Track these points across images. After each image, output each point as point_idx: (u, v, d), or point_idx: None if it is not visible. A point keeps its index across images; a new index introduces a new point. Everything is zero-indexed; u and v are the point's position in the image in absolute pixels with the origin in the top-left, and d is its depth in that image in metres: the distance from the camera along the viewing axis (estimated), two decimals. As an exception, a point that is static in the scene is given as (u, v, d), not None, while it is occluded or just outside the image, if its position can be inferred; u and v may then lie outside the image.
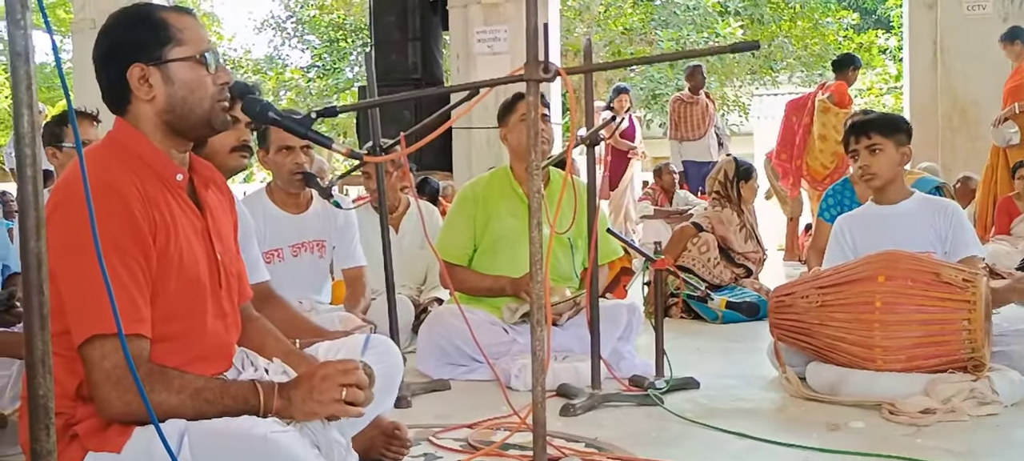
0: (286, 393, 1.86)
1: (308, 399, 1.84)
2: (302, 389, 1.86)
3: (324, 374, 1.86)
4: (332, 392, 1.84)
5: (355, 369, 1.88)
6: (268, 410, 1.84)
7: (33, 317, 1.29)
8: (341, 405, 1.85)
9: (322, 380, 1.85)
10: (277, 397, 1.85)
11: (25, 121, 1.27)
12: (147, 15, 1.92)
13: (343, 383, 1.85)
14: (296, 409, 1.85)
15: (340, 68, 21.86)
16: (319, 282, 3.93)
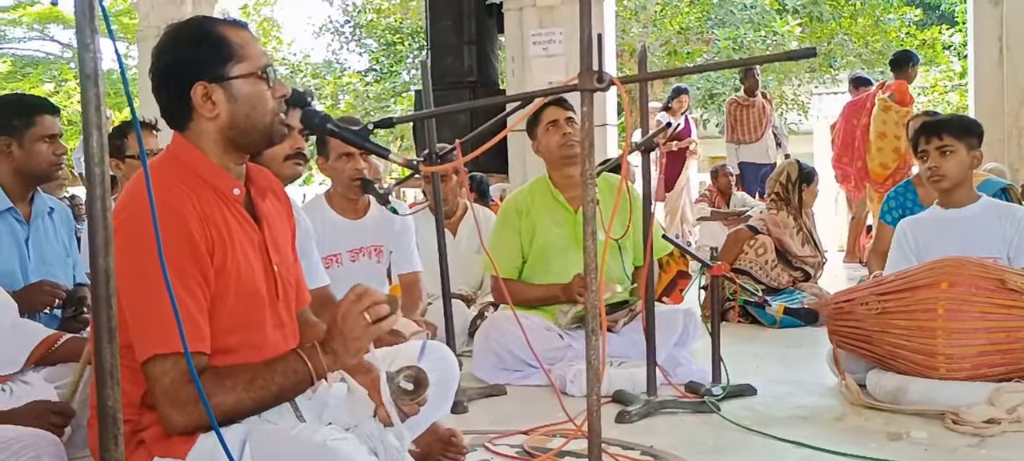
0: (328, 349, 1.87)
1: (347, 341, 1.85)
2: (337, 339, 1.86)
3: (342, 313, 1.86)
4: (358, 322, 1.83)
5: (365, 291, 1.87)
6: (319, 372, 1.86)
7: (102, 331, 1.33)
8: (373, 327, 1.84)
9: (343, 319, 1.85)
10: (322, 355, 1.87)
11: (94, 142, 1.31)
12: (207, 32, 1.94)
13: (360, 309, 1.84)
14: (342, 358, 1.87)
15: (397, 72, 22.03)
16: (377, 287, 3.94)
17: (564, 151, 3.79)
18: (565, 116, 3.78)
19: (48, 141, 3.08)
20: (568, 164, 3.81)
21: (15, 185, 3.09)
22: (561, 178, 3.88)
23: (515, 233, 3.88)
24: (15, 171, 3.07)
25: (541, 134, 3.83)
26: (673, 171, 10.09)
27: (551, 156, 3.84)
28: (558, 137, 3.78)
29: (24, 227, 3.12)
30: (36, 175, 3.13)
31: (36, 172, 3.11)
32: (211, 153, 1.96)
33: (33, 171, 3.10)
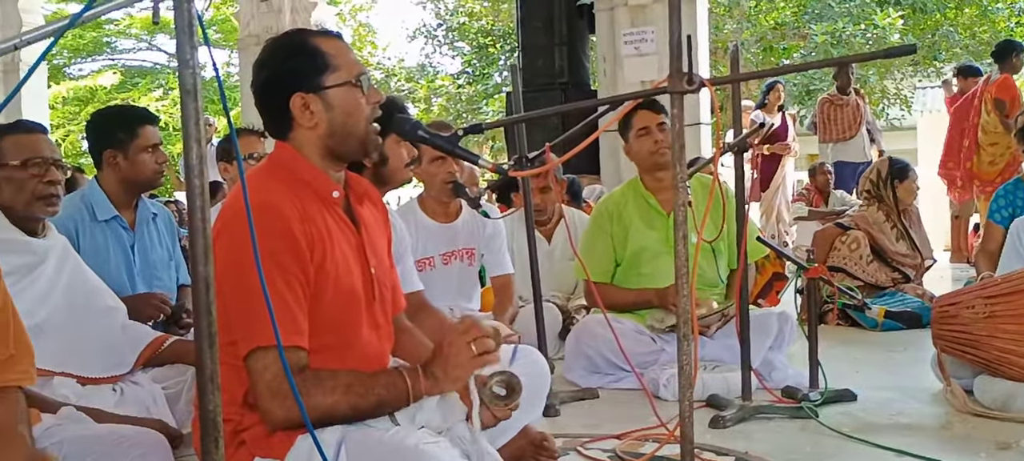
0: (430, 372, 1.93)
1: (449, 370, 1.92)
2: (439, 363, 1.93)
3: (449, 341, 1.94)
4: (464, 353, 1.91)
5: (474, 323, 1.95)
6: (417, 393, 1.91)
7: (202, 337, 1.38)
8: (478, 359, 1.91)
9: (450, 346, 1.93)
10: (423, 378, 1.92)
11: (194, 154, 1.36)
12: (302, 44, 2.01)
13: (468, 339, 1.91)
14: (443, 383, 1.93)
15: (489, 74, 22.17)
16: (469, 290, 4.01)
17: (655, 159, 3.76)
18: (657, 122, 3.74)
19: (151, 151, 3.20)
20: (659, 169, 3.77)
21: (121, 194, 3.21)
22: (653, 181, 3.84)
23: (607, 237, 3.86)
24: (122, 181, 3.19)
25: (633, 139, 3.80)
26: (769, 170, 9.88)
27: (642, 162, 3.81)
28: (649, 144, 3.74)
29: (129, 234, 3.25)
30: (141, 184, 3.25)
31: (141, 181, 3.23)
32: (311, 158, 2.03)
33: (138, 180, 3.22)
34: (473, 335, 1.91)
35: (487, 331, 1.93)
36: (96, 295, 2.79)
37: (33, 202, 2.62)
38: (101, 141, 3.19)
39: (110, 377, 2.72)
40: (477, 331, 1.92)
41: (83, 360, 2.67)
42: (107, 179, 3.20)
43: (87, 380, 2.66)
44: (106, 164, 3.18)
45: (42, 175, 2.63)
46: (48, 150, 2.68)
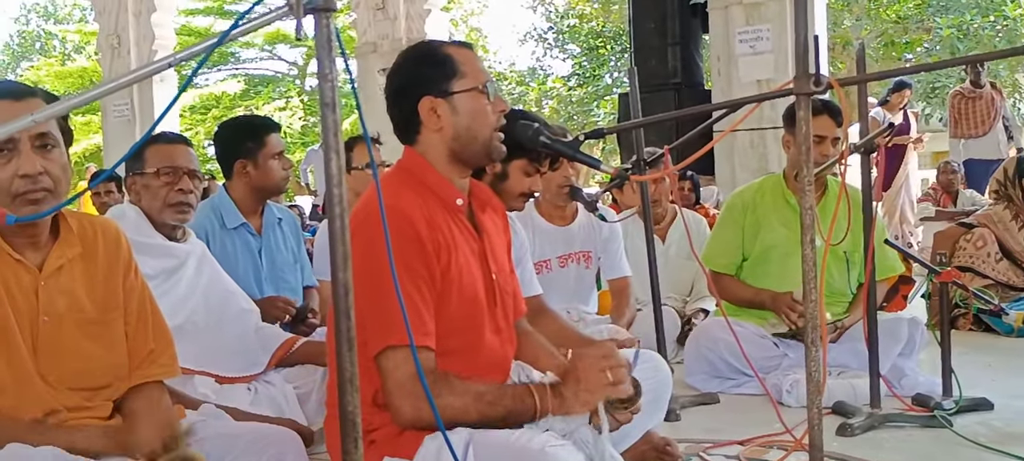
0: (558, 392, 1.95)
1: (579, 392, 1.93)
2: (570, 385, 1.95)
3: (584, 365, 1.95)
4: (598, 378, 1.92)
5: (611, 352, 1.96)
6: (545, 410, 1.93)
7: (341, 340, 1.43)
8: (610, 387, 1.92)
9: (585, 371, 1.94)
10: (552, 397, 1.94)
11: (333, 165, 1.41)
12: (433, 51, 2.08)
13: (604, 367, 1.92)
14: (571, 404, 1.94)
15: (599, 75, 22.13)
16: (586, 292, 4.01)
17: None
18: (833, 135, 3.63)
19: (277, 158, 3.32)
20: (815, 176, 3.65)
21: (249, 201, 3.34)
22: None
23: (738, 229, 3.80)
24: (251, 188, 3.32)
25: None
26: (891, 168, 9.54)
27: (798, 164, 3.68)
28: (816, 153, 3.59)
29: (257, 239, 3.37)
30: (269, 190, 3.37)
31: (269, 187, 3.35)
32: (437, 164, 2.08)
33: (266, 187, 3.34)
34: (610, 363, 1.92)
35: (623, 361, 1.94)
36: (232, 298, 2.92)
37: (165, 209, 2.76)
38: (230, 151, 3.32)
39: (245, 377, 2.85)
40: (614, 360, 1.93)
41: (220, 360, 2.80)
42: (236, 187, 3.33)
43: (224, 379, 2.78)
44: (236, 173, 3.31)
45: (174, 183, 2.77)
46: (183, 160, 2.81)
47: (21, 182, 1.80)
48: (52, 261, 1.91)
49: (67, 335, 1.91)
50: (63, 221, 1.95)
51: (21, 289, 1.86)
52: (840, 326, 3.56)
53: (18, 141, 1.81)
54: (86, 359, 1.94)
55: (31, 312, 1.87)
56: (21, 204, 1.81)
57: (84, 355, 1.93)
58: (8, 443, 1.76)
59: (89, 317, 1.95)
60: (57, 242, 1.93)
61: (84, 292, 1.95)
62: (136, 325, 2.04)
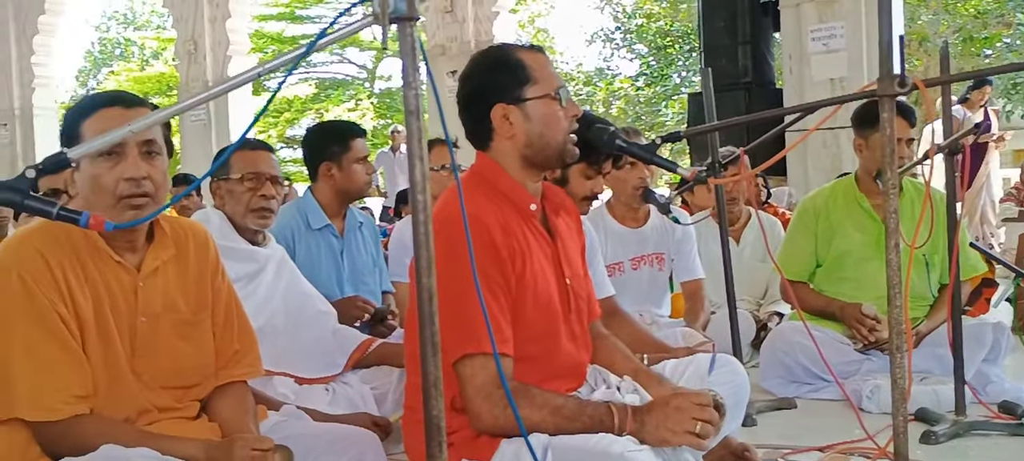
0: (640, 417, 1.93)
1: (661, 426, 1.91)
2: (656, 415, 1.92)
3: (678, 405, 1.92)
4: (686, 424, 1.90)
5: (709, 404, 1.92)
6: (622, 431, 1.92)
7: (425, 345, 1.45)
8: (692, 437, 1.90)
9: (676, 410, 1.91)
10: (631, 420, 1.93)
11: (417, 171, 1.43)
12: (505, 57, 2.08)
13: (697, 416, 1.90)
14: (648, 433, 1.92)
15: (667, 75, 21.97)
16: (659, 295, 3.99)
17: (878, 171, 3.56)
18: (907, 137, 3.56)
19: (361, 162, 3.37)
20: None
21: (333, 204, 3.40)
22: (872, 184, 3.64)
23: (810, 236, 3.74)
24: (335, 192, 3.37)
25: (875, 143, 3.56)
26: (972, 167, 9.28)
27: (871, 168, 3.59)
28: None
29: (339, 241, 3.43)
30: (352, 193, 3.43)
31: (352, 191, 3.41)
32: (510, 169, 2.08)
33: (350, 190, 3.39)
34: (703, 415, 1.90)
35: (715, 418, 1.91)
36: (309, 301, 2.97)
37: (247, 213, 2.83)
38: (317, 154, 3.38)
39: (323, 378, 2.90)
40: (709, 413, 1.90)
41: (299, 361, 2.85)
42: (321, 190, 3.39)
43: (303, 380, 2.84)
44: (321, 175, 3.37)
45: (257, 189, 2.83)
46: (266, 166, 2.87)
47: (126, 185, 1.87)
48: (149, 263, 1.98)
49: (162, 335, 1.98)
50: (157, 225, 2.02)
51: (121, 289, 1.93)
52: (919, 333, 3.47)
53: (126, 146, 1.87)
54: (179, 358, 2.00)
55: (130, 312, 1.94)
56: (124, 208, 1.87)
57: (178, 354, 2.00)
58: (104, 443, 1.82)
59: (182, 317, 2.02)
60: (152, 245, 2.00)
61: (177, 293, 2.02)
62: (223, 326, 2.10)
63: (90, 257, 1.90)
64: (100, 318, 1.89)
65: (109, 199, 1.87)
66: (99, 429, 1.85)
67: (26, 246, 1.86)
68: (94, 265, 1.90)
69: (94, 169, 1.87)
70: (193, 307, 2.05)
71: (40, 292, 1.82)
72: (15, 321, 1.82)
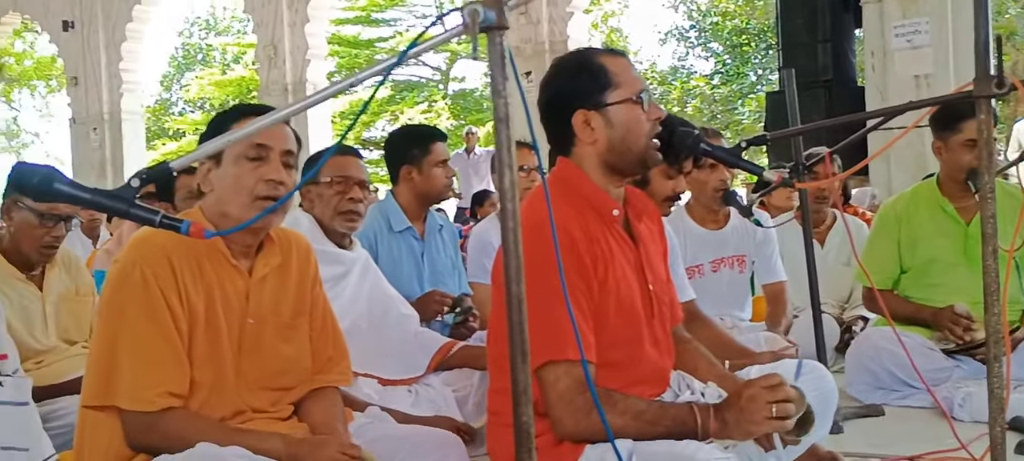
0: (721, 415, 1.91)
1: (741, 420, 1.88)
2: (734, 412, 1.90)
3: (750, 394, 1.89)
4: (762, 410, 1.86)
5: (781, 384, 1.89)
6: (706, 433, 1.90)
7: (516, 353, 1.46)
8: (773, 422, 1.86)
9: (749, 400, 1.88)
10: (713, 419, 1.91)
11: (507, 180, 1.44)
12: (586, 62, 2.07)
13: (771, 400, 1.86)
14: (732, 430, 1.90)
15: (743, 73, 21.67)
16: (740, 298, 3.93)
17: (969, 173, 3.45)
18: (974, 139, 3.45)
19: (441, 166, 3.41)
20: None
21: (414, 207, 3.44)
22: (955, 188, 3.53)
23: (893, 243, 3.65)
24: (415, 195, 3.42)
25: (955, 145, 3.45)
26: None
27: (957, 171, 3.48)
28: (969, 157, 3.39)
29: (420, 243, 3.47)
30: (432, 196, 3.47)
31: (432, 194, 3.45)
32: (593, 175, 2.08)
33: (430, 193, 3.44)
34: (777, 396, 1.86)
35: (792, 394, 1.88)
36: (393, 304, 3.02)
37: (336, 217, 2.89)
38: (398, 157, 3.44)
39: (406, 379, 2.94)
40: (782, 393, 1.87)
41: (383, 363, 2.90)
42: (402, 193, 3.44)
43: (387, 381, 2.88)
44: (401, 178, 3.42)
45: (345, 192, 2.89)
46: (354, 170, 2.93)
47: (264, 186, 1.98)
48: (259, 268, 2.07)
49: (267, 337, 2.07)
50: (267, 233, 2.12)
51: (235, 291, 2.03)
52: (1015, 339, 3.36)
53: (271, 150, 2.00)
54: (282, 360, 2.09)
55: (240, 313, 2.03)
56: (258, 207, 1.97)
57: (280, 357, 2.09)
58: (189, 437, 1.89)
59: (285, 321, 2.11)
60: (262, 252, 2.10)
61: (281, 299, 2.11)
62: (319, 332, 2.19)
63: (208, 259, 2.00)
64: (211, 317, 1.99)
65: (246, 197, 1.98)
66: (185, 423, 1.93)
67: (153, 244, 1.96)
68: (211, 266, 2.00)
69: (237, 169, 1.99)
70: (294, 312, 2.14)
71: (157, 288, 1.92)
72: (129, 312, 1.92)
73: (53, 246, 3.06)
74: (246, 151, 1.98)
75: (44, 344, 3.08)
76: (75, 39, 13.99)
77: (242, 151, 1.98)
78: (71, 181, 1.39)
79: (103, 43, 13.84)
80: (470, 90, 25.30)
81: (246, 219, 1.95)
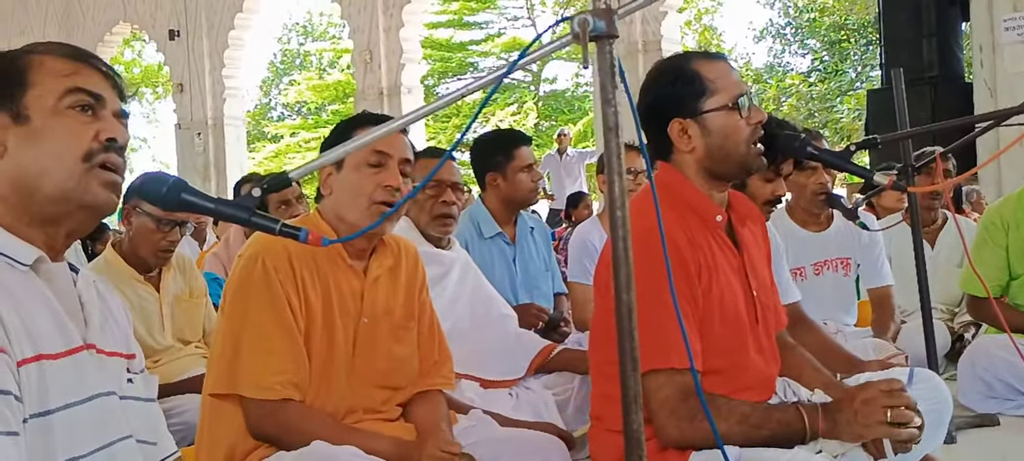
0: (831, 416, 1.88)
1: (853, 422, 1.85)
2: (846, 412, 1.87)
3: (866, 397, 1.86)
4: (876, 414, 1.83)
5: (899, 389, 1.85)
6: (814, 433, 1.87)
7: (626, 361, 1.45)
8: (888, 427, 1.83)
9: (864, 403, 1.85)
10: (822, 419, 1.88)
11: (616, 187, 1.44)
12: (682, 69, 2.05)
13: (887, 404, 1.83)
14: (842, 431, 1.87)
15: (842, 70, 21.12)
16: (845, 302, 3.83)
17: None
18: None
19: (526, 171, 3.43)
20: None
21: (502, 212, 3.47)
22: None
23: (1000, 250, 3.52)
24: (502, 200, 3.45)
25: None
26: None
27: None
28: None
29: (511, 248, 3.50)
30: (518, 201, 3.49)
31: (518, 199, 3.47)
32: (694, 181, 2.06)
33: (516, 198, 3.46)
34: (895, 401, 1.83)
35: (909, 401, 1.84)
36: (494, 304, 3.05)
37: (430, 221, 2.93)
38: (483, 164, 3.48)
39: (506, 381, 2.95)
40: (901, 399, 1.84)
41: (484, 364, 2.92)
42: (490, 199, 3.48)
43: (488, 383, 2.90)
44: (488, 185, 3.46)
45: (439, 195, 2.93)
46: (447, 174, 2.97)
47: (383, 192, 2.06)
48: (373, 270, 2.14)
49: (380, 337, 2.13)
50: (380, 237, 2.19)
51: (350, 291, 2.10)
52: None
53: (391, 158, 2.08)
54: (393, 360, 2.15)
55: (355, 313, 2.10)
56: (376, 212, 2.04)
57: (392, 357, 2.15)
58: (306, 430, 1.95)
59: (396, 322, 2.17)
60: (376, 254, 2.16)
61: (393, 300, 2.17)
62: (427, 335, 2.24)
63: (325, 259, 2.07)
64: (327, 315, 2.05)
65: (364, 202, 2.06)
66: (303, 416, 1.99)
67: (274, 240, 2.01)
68: (328, 266, 2.07)
69: (358, 175, 2.07)
70: (405, 315, 2.20)
71: (278, 282, 1.99)
72: (251, 303, 2.00)
73: (169, 250, 3.20)
74: (367, 158, 2.06)
75: (161, 344, 3.22)
76: (180, 47, 14.48)
77: (363, 158, 2.06)
78: (196, 191, 1.44)
79: (207, 50, 14.29)
80: (561, 91, 25.30)
81: (364, 224, 2.02)
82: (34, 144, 1.29)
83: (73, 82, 1.33)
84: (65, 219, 1.34)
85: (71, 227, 1.35)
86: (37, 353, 1.22)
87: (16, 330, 1.20)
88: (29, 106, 1.30)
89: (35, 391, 1.21)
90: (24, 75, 1.31)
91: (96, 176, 1.32)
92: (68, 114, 1.32)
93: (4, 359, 1.18)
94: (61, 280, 1.35)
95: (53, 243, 1.34)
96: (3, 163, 1.30)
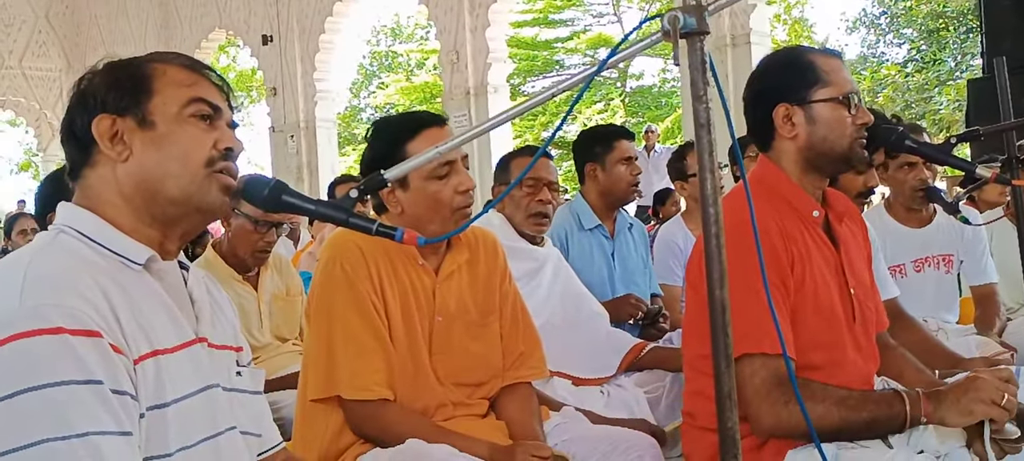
0: (935, 398, 1.85)
1: (963, 399, 1.82)
2: (956, 392, 1.84)
3: (977, 376, 1.85)
4: (991, 393, 1.79)
5: (1009, 378, 1.83)
6: (916, 417, 1.84)
7: (719, 357, 1.45)
8: (997, 408, 1.79)
9: (974, 380, 1.83)
10: (925, 402, 1.85)
11: (709, 185, 1.43)
12: (796, 58, 2.06)
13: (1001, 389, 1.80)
14: (947, 411, 1.83)
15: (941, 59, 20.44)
16: (948, 299, 3.72)
17: None
18: None
19: (626, 163, 3.41)
20: None
21: (601, 205, 3.47)
22: None
23: None
24: (600, 193, 3.44)
25: None
26: None
27: None
28: None
29: (610, 242, 3.49)
30: (616, 194, 3.47)
31: (616, 192, 3.45)
32: (792, 174, 2.05)
33: (614, 191, 3.44)
34: (1007, 388, 1.80)
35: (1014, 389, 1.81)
36: (585, 301, 3.06)
37: (525, 219, 2.95)
38: (583, 156, 3.48)
39: (598, 379, 2.96)
40: (1012, 386, 1.80)
41: (575, 362, 2.93)
42: (589, 191, 3.48)
43: (580, 381, 2.91)
44: (587, 177, 3.46)
45: (535, 194, 2.95)
46: (544, 172, 2.99)
47: (461, 197, 2.09)
48: (446, 266, 2.16)
49: (456, 334, 2.15)
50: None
51: (423, 290, 2.12)
52: None
53: (454, 161, 2.09)
54: (470, 357, 2.16)
55: (429, 311, 2.12)
56: (459, 218, 2.07)
57: (468, 353, 2.16)
58: (405, 431, 1.99)
59: (472, 318, 2.18)
60: (450, 250, 2.18)
61: (469, 296, 2.19)
62: (510, 328, 2.24)
63: (398, 258, 2.10)
64: (406, 314, 2.09)
65: (446, 212, 2.08)
66: (402, 417, 2.03)
67: (348, 242, 2.08)
68: (401, 265, 2.10)
69: (431, 187, 2.08)
70: (482, 309, 2.20)
71: (359, 283, 2.03)
72: (337, 306, 2.04)
73: (266, 250, 3.30)
74: (436, 171, 2.06)
75: (260, 341, 3.32)
76: (273, 52, 14.85)
77: (432, 171, 2.06)
78: (296, 192, 1.49)
79: (299, 55, 14.62)
80: (647, 87, 25.11)
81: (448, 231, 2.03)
82: (159, 148, 1.35)
83: (194, 92, 1.39)
84: (182, 220, 1.40)
85: (186, 228, 1.42)
86: (153, 349, 1.27)
87: (132, 329, 1.26)
88: (154, 112, 1.36)
89: (152, 385, 1.26)
90: (149, 83, 1.37)
91: (216, 181, 1.38)
92: (190, 122, 1.38)
93: (121, 360, 1.22)
94: (172, 277, 1.41)
95: (167, 243, 1.40)
96: (128, 165, 1.36)
